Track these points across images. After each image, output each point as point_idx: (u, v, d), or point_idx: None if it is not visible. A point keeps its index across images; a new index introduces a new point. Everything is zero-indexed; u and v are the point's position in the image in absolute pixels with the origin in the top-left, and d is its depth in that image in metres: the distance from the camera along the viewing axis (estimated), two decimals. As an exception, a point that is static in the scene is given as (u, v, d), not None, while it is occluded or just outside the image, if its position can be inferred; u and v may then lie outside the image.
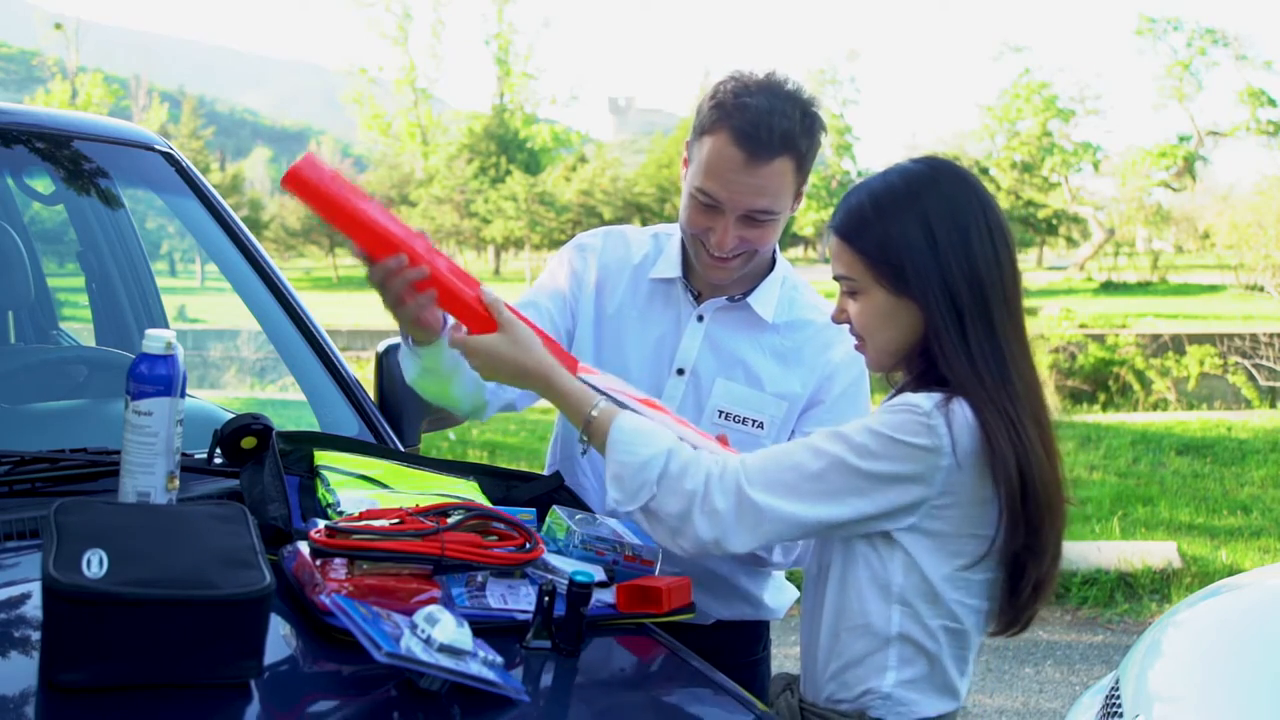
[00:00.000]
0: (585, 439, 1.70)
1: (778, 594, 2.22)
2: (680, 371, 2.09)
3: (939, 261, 1.59)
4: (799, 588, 1.96)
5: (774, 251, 2.12)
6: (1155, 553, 5.98)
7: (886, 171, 1.69)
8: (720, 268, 2.00)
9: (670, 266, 2.11)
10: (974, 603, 1.65)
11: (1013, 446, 1.55)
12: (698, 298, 2.10)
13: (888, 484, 1.56)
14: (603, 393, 1.74)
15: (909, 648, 1.64)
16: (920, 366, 1.65)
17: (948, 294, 1.59)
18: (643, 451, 1.62)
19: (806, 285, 2.17)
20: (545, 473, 2.19)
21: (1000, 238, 1.63)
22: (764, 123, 1.86)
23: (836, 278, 1.69)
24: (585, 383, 1.76)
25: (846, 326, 1.73)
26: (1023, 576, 1.62)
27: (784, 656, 2.39)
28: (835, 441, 1.59)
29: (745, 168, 1.88)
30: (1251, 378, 13.51)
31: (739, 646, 2.17)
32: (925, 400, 1.57)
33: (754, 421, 2.07)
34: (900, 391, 1.67)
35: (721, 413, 2.07)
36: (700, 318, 2.09)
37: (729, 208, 1.91)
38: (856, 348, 1.73)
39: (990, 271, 1.60)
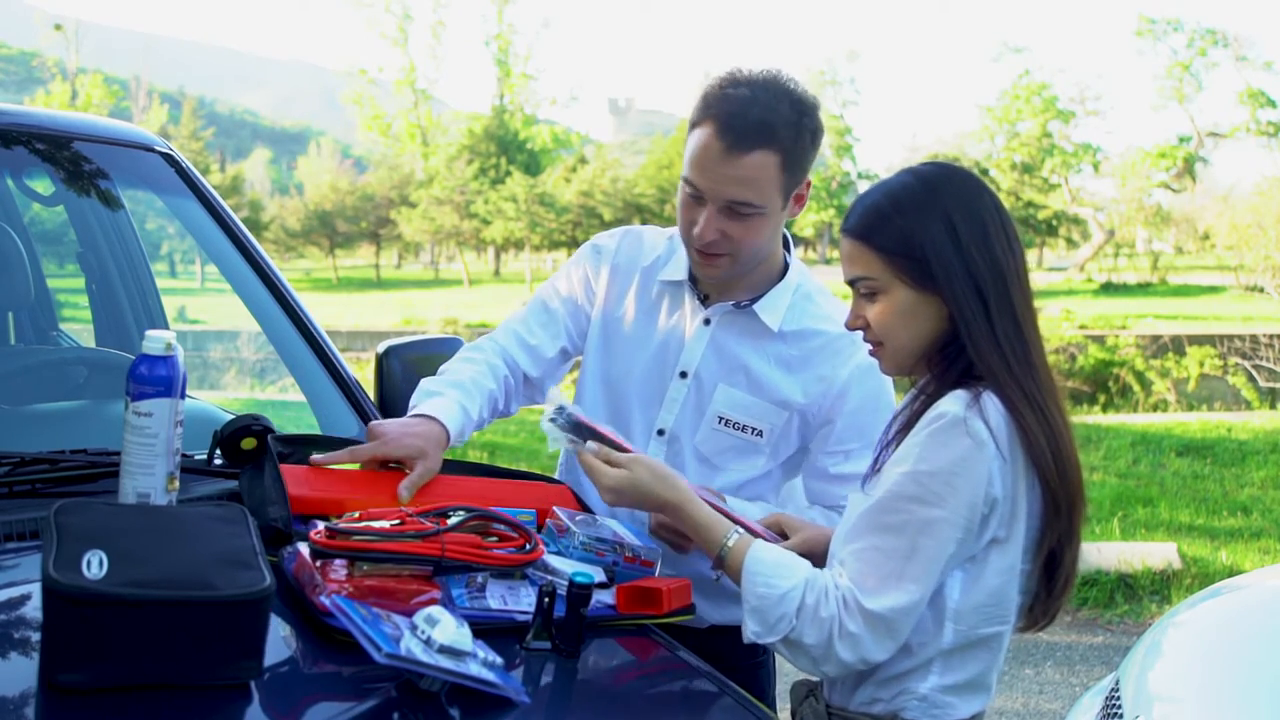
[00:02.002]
0: (718, 569, 1.69)
1: None
2: (683, 374, 2.08)
3: (962, 254, 1.61)
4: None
5: (786, 259, 2.11)
6: (1155, 554, 5.98)
7: (899, 174, 1.70)
8: (707, 264, 2.00)
9: (679, 269, 2.12)
10: (1018, 598, 1.66)
11: (1044, 431, 1.58)
12: (705, 301, 2.10)
13: (968, 509, 1.55)
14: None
15: (954, 656, 1.64)
16: (940, 365, 1.65)
17: (973, 284, 1.60)
18: (781, 584, 1.60)
19: (824, 293, 2.14)
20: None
21: (1011, 232, 1.66)
22: (742, 112, 1.87)
23: (852, 281, 1.69)
24: None
25: (859, 335, 1.73)
26: (1059, 566, 1.64)
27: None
28: (902, 506, 1.57)
29: (724, 157, 1.88)
30: (1251, 379, 13.51)
31: (741, 649, 2.17)
32: (955, 404, 1.57)
33: (753, 429, 2.06)
34: (922, 392, 1.67)
35: (721, 419, 2.06)
36: (707, 321, 2.09)
37: (709, 197, 1.92)
38: (872, 353, 1.72)
39: (1008, 264, 1.63)
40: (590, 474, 1.78)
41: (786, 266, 2.11)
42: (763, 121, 1.87)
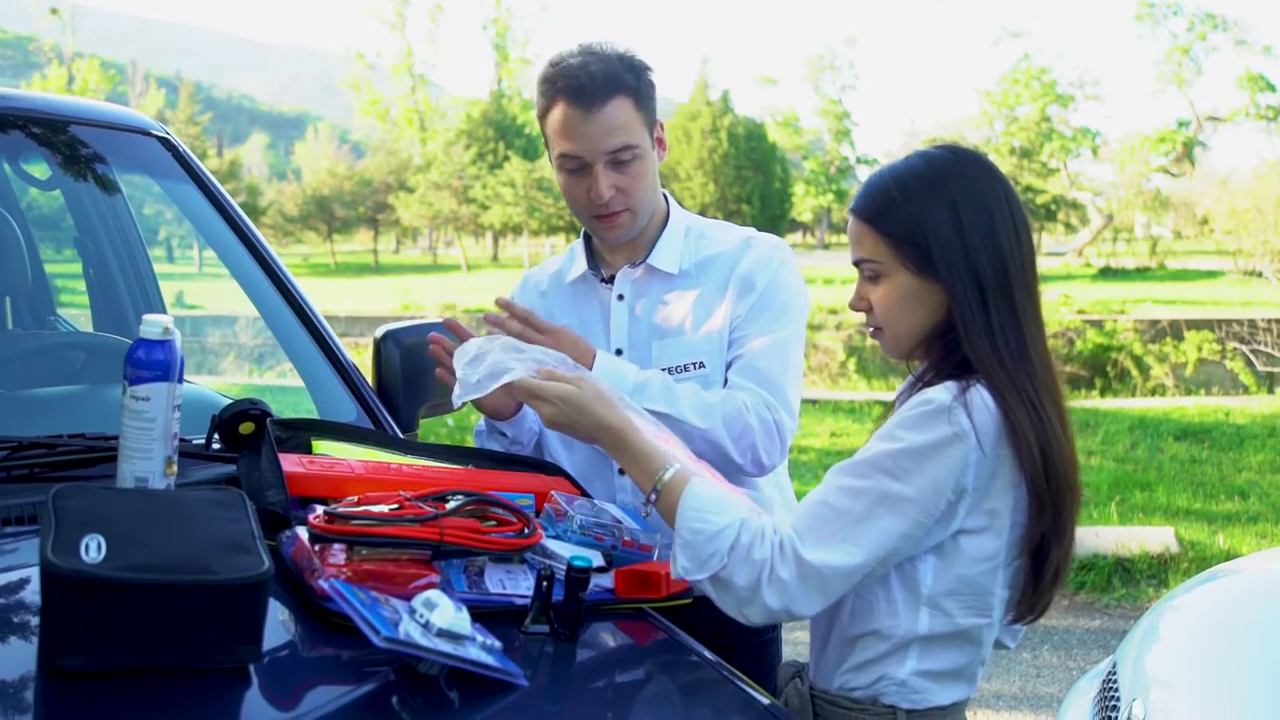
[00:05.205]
0: (651, 502, 1.65)
1: None
2: (619, 351, 2.16)
3: (964, 241, 1.60)
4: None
5: (667, 207, 2.22)
6: (1153, 538, 5.99)
7: (909, 157, 1.70)
8: (609, 226, 2.11)
9: (580, 265, 2.24)
10: (1002, 593, 1.66)
11: (1033, 426, 1.56)
12: (610, 281, 2.20)
13: (933, 493, 1.55)
14: None
15: (933, 643, 1.64)
16: (938, 352, 1.65)
17: (972, 273, 1.60)
18: (716, 521, 1.58)
19: (715, 226, 2.26)
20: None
21: (1021, 222, 1.65)
22: (583, 73, 2.02)
23: (857, 263, 1.68)
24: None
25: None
26: (1046, 561, 1.63)
27: (794, 642, 2.40)
28: (868, 474, 1.57)
29: (587, 117, 2.03)
30: (1249, 363, 13.52)
31: (749, 626, 2.18)
32: (943, 393, 1.57)
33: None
34: (919, 379, 1.67)
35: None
36: (621, 296, 2.18)
37: (590, 158, 2.05)
38: (874, 335, 1.72)
39: (1013, 254, 1.62)
40: (532, 390, 1.72)
41: (668, 214, 2.22)
42: (603, 74, 2.03)
